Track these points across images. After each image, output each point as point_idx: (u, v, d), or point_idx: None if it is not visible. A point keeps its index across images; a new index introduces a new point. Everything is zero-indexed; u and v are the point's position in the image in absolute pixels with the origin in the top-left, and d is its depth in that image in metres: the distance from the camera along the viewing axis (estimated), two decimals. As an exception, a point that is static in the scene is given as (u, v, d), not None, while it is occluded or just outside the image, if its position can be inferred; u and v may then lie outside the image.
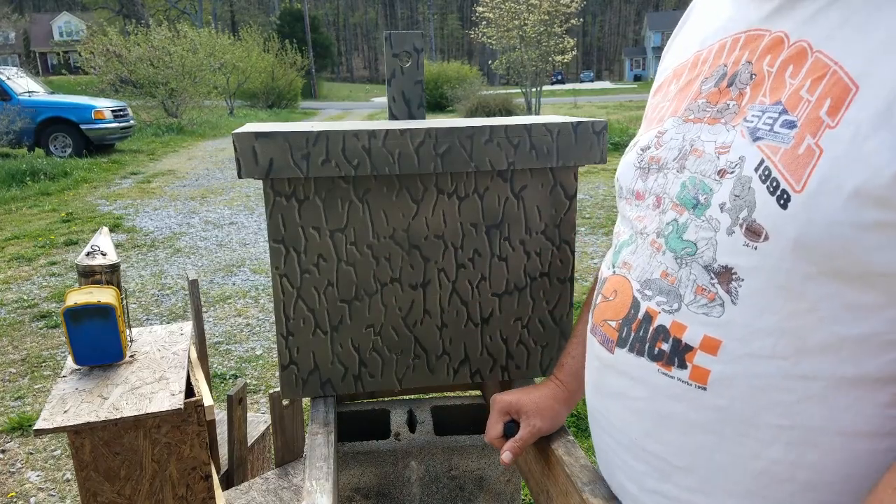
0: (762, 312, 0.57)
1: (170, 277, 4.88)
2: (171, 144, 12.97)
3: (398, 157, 1.00)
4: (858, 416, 0.56)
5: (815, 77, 0.56)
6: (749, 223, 0.57)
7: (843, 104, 0.53)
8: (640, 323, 0.67)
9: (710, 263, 0.61)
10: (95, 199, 7.79)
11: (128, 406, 1.17)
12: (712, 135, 0.64)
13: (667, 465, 0.66)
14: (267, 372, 3.37)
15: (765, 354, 0.57)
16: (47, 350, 3.64)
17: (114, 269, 1.39)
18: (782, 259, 0.55)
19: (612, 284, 0.73)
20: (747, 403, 0.59)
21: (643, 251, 0.69)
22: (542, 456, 1.01)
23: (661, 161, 0.70)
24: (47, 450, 2.69)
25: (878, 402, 0.55)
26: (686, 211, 0.64)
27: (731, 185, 0.59)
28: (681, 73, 0.75)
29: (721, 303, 0.60)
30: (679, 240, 0.64)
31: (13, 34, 43.15)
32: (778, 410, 0.58)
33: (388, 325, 1.10)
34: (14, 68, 12.37)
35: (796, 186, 0.54)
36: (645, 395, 0.67)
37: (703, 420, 0.62)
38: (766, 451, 0.59)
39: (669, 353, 0.64)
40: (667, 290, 0.65)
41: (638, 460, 0.70)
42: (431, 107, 22.33)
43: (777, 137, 0.57)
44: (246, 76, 21.35)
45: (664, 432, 0.66)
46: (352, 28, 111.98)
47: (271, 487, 1.68)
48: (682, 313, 0.63)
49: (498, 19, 16.32)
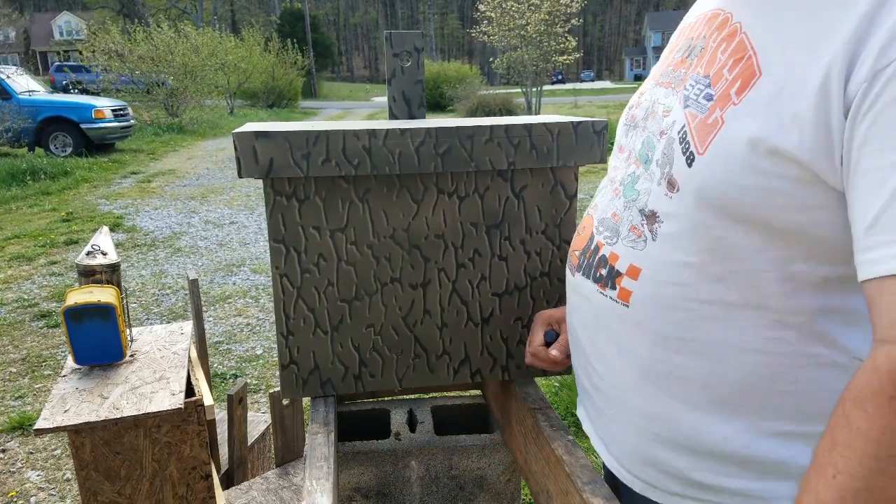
0: (673, 249, 0.70)
1: (170, 277, 4.88)
2: (171, 144, 12.97)
3: (398, 157, 1.00)
4: (744, 333, 0.69)
5: (736, 58, 0.68)
6: (669, 177, 0.70)
7: (748, 86, 0.65)
8: (592, 252, 0.82)
9: (643, 208, 0.74)
10: (95, 198, 7.79)
11: (128, 406, 1.17)
12: (665, 98, 0.77)
13: (606, 370, 0.81)
14: (267, 371, 3.37)
15: (673, 281, 0.71)
16: (47, 350, 3.64)
17: (114, 269, 1.39)
18: (688, 207, 0.68)
19: (584, 222, 0.88)
20: (659, 319, 0.73)
21: (608, 195, 0.83)
22: (542, 456, 1.01)
23: (636, 119, 0.83)
24: (47, 449, 2.69)
25: (758, 325, 0.69)
26: (641, 165, 0.77)
27: (664, 143, 0.73)
28: (673, 41, 0.88)
29: (645, 239, 0.73)
30: (631, 188, 0.77)
31: (13, 33, 43.14)
32: (682, 325, 0.71)
33: (388, 325, 1.10)
34: (14, 67, 12.36)
35: (700, 149, 0.67)
36: (589, 309, 0.82)
37: (627, 331, 0.76)
38: (674, 357, 0.73)
39: (606, 277, 0.78)
40: (612, 227, 0.79)
41: (588, 360, 0.85)
42: (431, 106, 22.31)
43: (698, 107, 0.69)
44: (246, 76, 21.34)
45: (602, 339, 0.80)
46: (352, 28, 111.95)
47: (271, 487, 1.68)
48: (617, 246, 0.77)
49: (499, 18, 16.31)
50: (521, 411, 1.12)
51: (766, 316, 0.68)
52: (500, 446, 1.25)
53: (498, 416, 1.31)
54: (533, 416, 1.06)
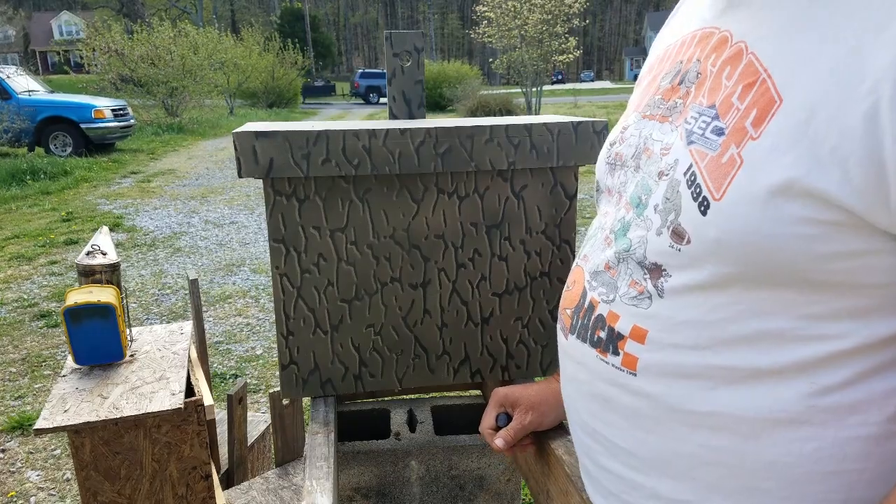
0: (685, 307, 0.60)
1: (170, 277, 4.88)
2: (171, 144, 12.97)
3: (398, 157, 1.00)
4: (775, 403, 0.57)
5: (747, 83, 0.57)
6: (675, 226, 0.59)
7: (767, 116, 0.54)
8: (586, 311, 0.71)
9: (643, 260, 0.64)
10: (95, 198, 7.79)
11: (128, 405, 1.17)
12: (661, 134, 0.67)
13: (613, 446, 0.69)
14: (267, 371, 3.37)
15: (687, 345, 0.60)
16: (47, 349, 3.64)
17: (114, 269, 1.39)
18: (704, 261, 0.58)
19: (573, 275, 0.77)
20: (673, 390, 0.62)
21: (598, 245, 0.73)
22: (542, 456, 1.01)
23: (622, 157, 0.73)
24: (47, 449, 2.69)
25: (794, 392, 0.57)
26: (632, 209, 0.67)
27: (665, 187, 0.62)
28: (653, 66, 0.77)
29: (649, 296, 0.63)
30: (623, 237, 0.67)
31: (13, 33, 43.12)
32: (700, 396, 0.60)
33: (388, 325, 1.10)
34: (14, 67, 12.36)
35: (716, 194, 0.56)
36: (587, 378, 0.71)
37: (637, 404, 0.65)
38: (692, 435, 0.61)
39: (606, 340, 0.67)
40: (607, 282, 0.68)
41: (591, 439, 0.74)
42: (431, 107, 22.31)
43: (707, 143, 0.58)
44: (246, 75, 21.34)
45: (607, 414, 0.69)
46: (352, 28, 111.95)
47: (271, 487, 1.68)
48: (616, 304, 0.66)
49: (499, 18, 16.31)
50: (521, 411, 1.12)
51: (802, 380, 0.57)
52: (500, 446, 1.25)
53: (498, 416, 1.31)
54: (533, 416, 1.06)
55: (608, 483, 0.72)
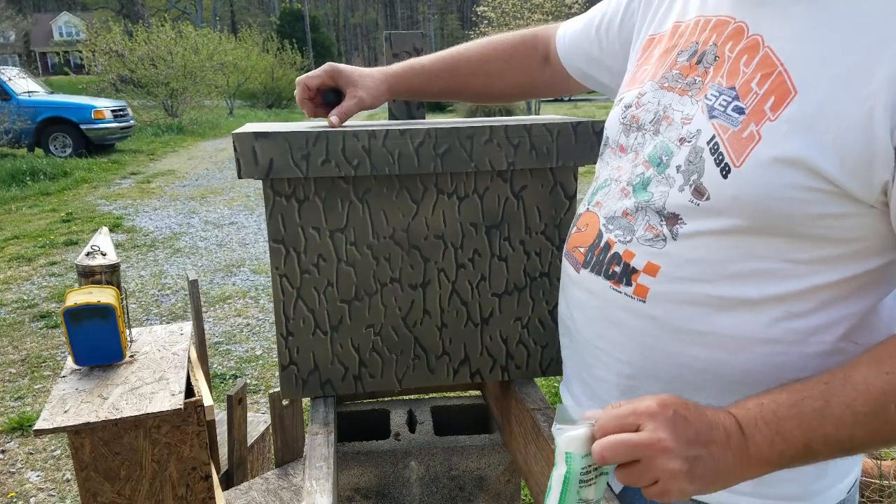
0: (694, 248, 0.73)
1: (170, 277, 4.88)
2: (170, 144, 12.97)
3: (398, 157, 1.00)
4: (755, 326, 0.72)
5: (764, 73, 0.69)
6: (697, 185, 0.72)
7: (783, 104, 0.66)
8: (601, 250, 0.83)
9: (661, 210, 0.76)
10: (95, 199, 7.79)
11: (128, 406, 1.17)
12: (681, 105, 0.78)
13: (611, 359, 0.83)
14: (267, 372, 3.37)
15: (693, 278, 0.74)
16: (47, 350, 3.64)
17: (114, 269, 1.39)
18: (719, 213, 0.70)
19: (585, 219, 0.88)
20: (677, 313, 0.75)
21: (614, 194, 0.84)
22: (542, 456, 1.01)
23: (639, 121, 0.83)
24: (47, 450, 2.69)
25: (771, 318, 0.72)
26: (652, 167, 0.78)
27: (687, 151, 0.74)
28: (661, 39, 0.88)
29: (664, 238, 0.75)
30: (643, 190, 0.79)
31: (13, 34, 43.12)
32: (700, 319, 0.74)
33: (388, 325, 1.10)
34: (14, 68, 12.36)
35: (736, 162, 0.69)
36: (598, 304, 0.83)
37: (642, 325, 0.78)
38: (689, 349, 0.75)
39: (620, 274, 0.80)
40: (624, 226, 0.80)
41: (591, 356, 0.87)
42: (431, 107, 22.31)
43: (728, 119, 0.71)
44: (246, 76, 21.33)
45: (613, 334, 0.82)
46: (352, 28, 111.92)
47: (271, 487, 1.68)
48: (632, 244, 0.78)
49: (499, 19, 16.30)
50: (521, 412, 1.12)
51: (780, 309, 0.72)
52: (500, 447, 1.25)
53: (498, 416, 1.31)
54: (532, 417, 1.06)
55: (601, 390, 0.86)
